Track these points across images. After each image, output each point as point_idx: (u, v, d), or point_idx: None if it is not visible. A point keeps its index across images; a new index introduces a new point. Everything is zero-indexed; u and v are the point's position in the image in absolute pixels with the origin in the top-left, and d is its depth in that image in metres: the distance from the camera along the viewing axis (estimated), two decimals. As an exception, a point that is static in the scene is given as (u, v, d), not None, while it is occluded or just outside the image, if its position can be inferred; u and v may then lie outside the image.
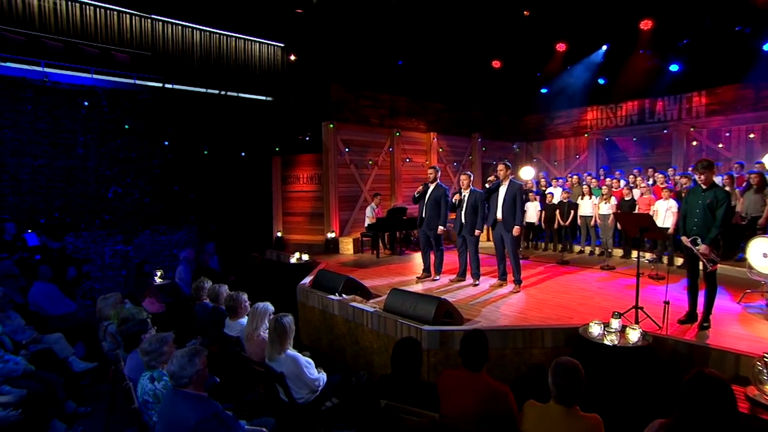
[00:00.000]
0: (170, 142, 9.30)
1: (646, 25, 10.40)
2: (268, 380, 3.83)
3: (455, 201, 6.87)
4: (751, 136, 11.16)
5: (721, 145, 11.71)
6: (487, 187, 6.71)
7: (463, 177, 6.91)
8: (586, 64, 12.63)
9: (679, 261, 7.85)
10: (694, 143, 12.11)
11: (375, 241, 9.72)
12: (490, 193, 6.62)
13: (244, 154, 10.35)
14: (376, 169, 11.59)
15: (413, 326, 4.82)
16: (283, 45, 11.39)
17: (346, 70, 10.84)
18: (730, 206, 4.66)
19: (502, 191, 6.47)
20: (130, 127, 8.75)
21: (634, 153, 13.79)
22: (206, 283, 5.81)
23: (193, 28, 10.12)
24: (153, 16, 9.51)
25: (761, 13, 9.08)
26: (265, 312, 4.32)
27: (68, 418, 4.65)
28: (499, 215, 6.48)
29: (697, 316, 4.89)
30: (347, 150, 10.85)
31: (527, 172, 12.44)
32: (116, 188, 8.56)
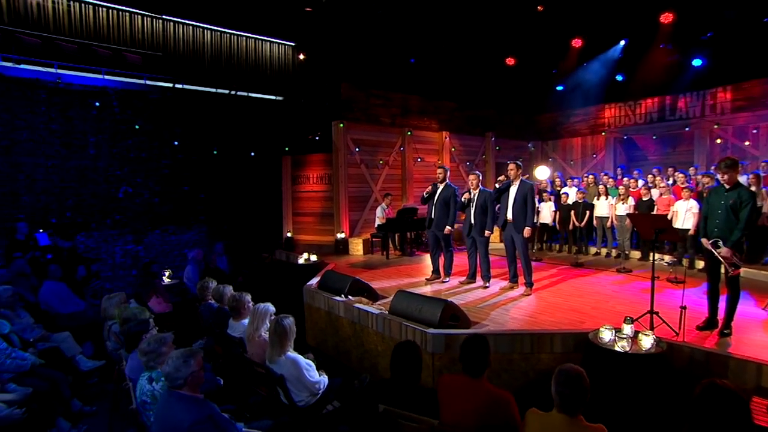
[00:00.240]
0: (180, 142, 9.36)
1: (667, 18, 10.03)
2: (269, 382, 3.79)
3: (464, 201, 6.76)
4: (781, 133, 10.69)
5: (747, 143, 11.22)
6: (497, 187, 6.56)
7: (472, 177, 6.78)
8: (603, 60, 12.29)
9: (700, 264, 7.54)
10: (719, 141, 11.65)
11: (385, 241, 9.60)
12: (500, 194, 6.48)
13: (253, 154, 10.33)
14: (387, 168, 11.46)
15: (418, 329, 4.73)
16: (294, 44, 11.38)
17: (356, 68, 10.75)
18: (756, 207, 4.43)
19: (512, 191, 6.32)
20: (140, 127, 8.82)
21: (654, 152, 13.37)
22: (211, 284, 5.82)
23: (204, 28, 10.17)
24: (164, 17, 9.58)
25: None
26: (265, 312, 4.28)
27: (74, 417, 4.66)
28: (509, 216, 6.34)
29: (718, 322, 4.67)
30: (358, 149, 10.75)
31: (542, 172, 12.16)
32: (126, 188, 8.64)
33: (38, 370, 4.64)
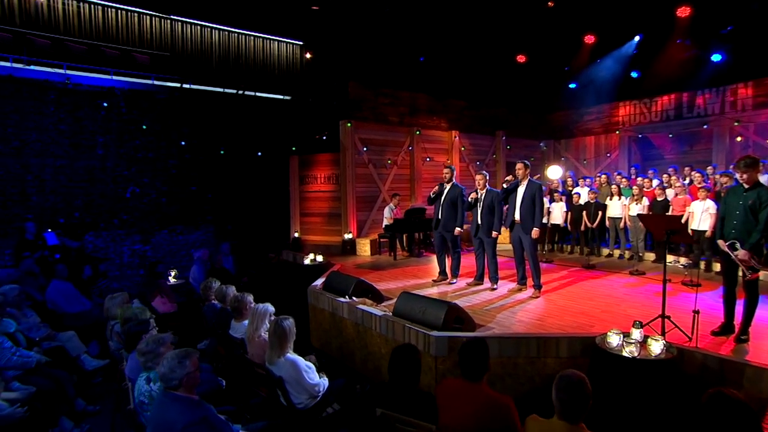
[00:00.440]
0: (187, 142, 9.38)
1: (684, 12, 9.71)
2: (269, 383, 3.77)
3: (471, 200, 6.66)
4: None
5: (770, 141, 10.85)
6: (505, 187, 6.41)
7: (479, 177, 6.65)
8: (616, 57, 11.97)
9: (717, 267, 7.26)
10: (739, 139, 11.26)
11: (392, 242, 9.50)
12: (508, 194, 6.35)
13: (260, 153, 10.31)
14: (395, 168, 11.35)
15: (421, 332, 4.63)
16: (302, 43, 11.33)
17: (364, 67, 10.66)
18: (775, 208, 4.19)
19: (520, 191, 6.18)
20: (147, 127, 8.86)
21: (670, 150, 13.01)
22: (214, 284, 5.84)
23: (212, 27, 10.19)
24: (172, 17, 9.60)
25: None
26: (265, 313, 4.26)
27: (77, 416, 4.67)
28: (517, 216, 6.20)
29: (734, 328, 4.46)
30: (365, 149, 10.66)
31: (555, 172, 11.88)
32: (134, 188, 8.68)
33: (43, 369, 4.66)
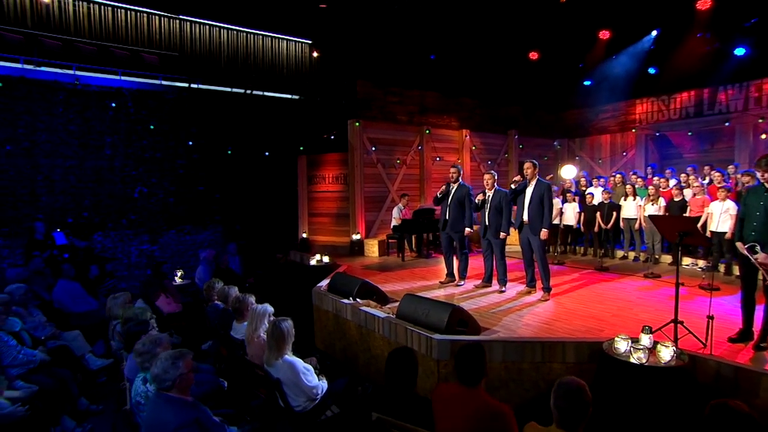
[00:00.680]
0: (195, 142, 9.39)
1: (704, 4, 9.33)
2: (268, 385, 3.73)
3: (478, 201, 6.51)
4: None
5: (796, 139, 10.40)
6: (513, 188, 6.24)
7: (487, 176, 6.50)
8: (633, 53, 11.59)
9: (738, 270, 6.94)
10: (764, 137, 10.78)
11: (401, 243, 9.38)
12: (516, 194, 6.20)
13: (267, 153, 10.27)
14: (404, 168, 11.20)
15: (424, 334, 4.52)
16: (311, 42, 11.26)
17: (372, 65, 10.54)
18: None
19: (528, 192, 6.03)
20: (155, 127, 8.89)
21: (690, 149, 12.59)
22: (217, 284, 5.85)
23: (220, 27, 10.19)
24: (181, 17, 9.63)
25: None
26: (263, 313, 4.24)
27: (80, 415, 4.67)
28: (525, 217, 6.05)
29: (753, 334, 4.23)
30: (374, 149, 10.54)
31: (569, 171, 11.60)
32: (142, 188, 8.73)
33: (46, 368, 4.66)
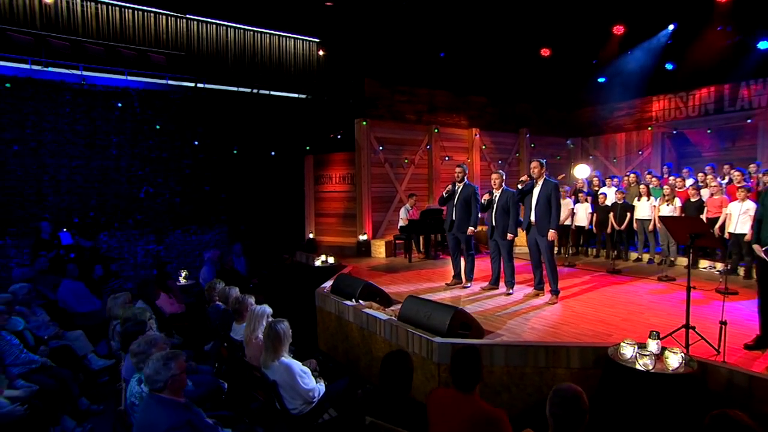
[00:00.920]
0: (201, 142, 9.37)
1: (724, -4, 8.98)
2: (266, 387, 3.69)
3: (485, 201, 6.36)
4: None
5: (823, 137, 9.97)
6: (520, 188, 6.05)
7: (495, 176, 6.33)
8: (648, 48, 11.25)
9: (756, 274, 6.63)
10: (789, 134, 10.40)
11: (408, 244, 9.24)
12: (523, 195, 6.02)
13: (273, 153, 10.21)
14: (412, 168, 11.04)
15: (425, 337, 4.43)
16: (318, 40, 11.18)
17: (380, 63, 10.41)
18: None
19: (535, 191, 5.86)
20: (161, 127, 8.89)
21: (709, 147, 12.17)
22: (218, 285, 5.83)
23: (227, 26, 10.17)
24: (188, 16, 9.63)
25: None
26: (262, 314, 4.22)
27: (81, 415, 4.67)
28: (532, 218, 5.87)
29: (772, 342, 3.99)
30: (381, 148, 10.41)
31: (582, 171, 11.31)
32: (148, 188, 8.74)
33: (47, 368, 4.65)
